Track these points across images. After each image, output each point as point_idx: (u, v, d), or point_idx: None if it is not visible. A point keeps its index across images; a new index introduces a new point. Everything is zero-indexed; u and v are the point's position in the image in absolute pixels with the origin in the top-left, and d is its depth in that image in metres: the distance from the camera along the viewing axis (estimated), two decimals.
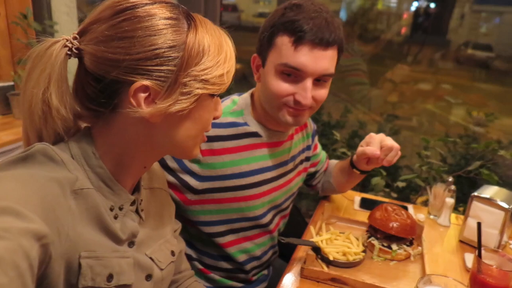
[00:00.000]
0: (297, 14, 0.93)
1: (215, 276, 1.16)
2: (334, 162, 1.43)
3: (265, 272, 1.28)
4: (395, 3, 3.91)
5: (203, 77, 0.61)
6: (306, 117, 1.03)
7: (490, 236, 1.20)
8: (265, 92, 1.01)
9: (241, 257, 1.15)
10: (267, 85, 0.98)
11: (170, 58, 0.59)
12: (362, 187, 1.95)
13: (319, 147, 1.38)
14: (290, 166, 1.18)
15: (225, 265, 1.15)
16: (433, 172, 1.63)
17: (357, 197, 1.52)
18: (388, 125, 2.44)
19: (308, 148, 1.28)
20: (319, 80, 0.98)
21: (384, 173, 1.80)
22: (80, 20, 0.63)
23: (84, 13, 2.40)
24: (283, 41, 0.94)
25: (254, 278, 1.23)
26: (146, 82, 0.58)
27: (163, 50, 0.58)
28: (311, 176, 1.38)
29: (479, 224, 0.96)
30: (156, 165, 0.85)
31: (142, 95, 0.59)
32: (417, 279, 0.82)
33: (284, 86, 0.96)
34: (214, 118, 0.70)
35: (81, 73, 0.63)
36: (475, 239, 0.97)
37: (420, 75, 3.55)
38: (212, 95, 0.65)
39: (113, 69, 0.58)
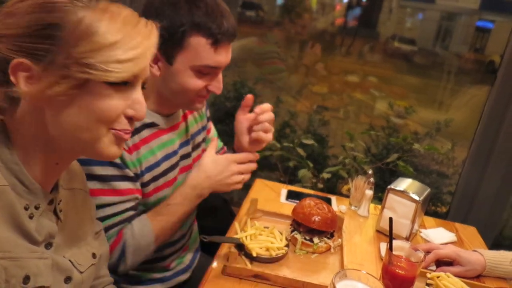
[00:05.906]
0: (206, 14, 0.93)
1: None
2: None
3: (185, 261, 1.27)
4: None
5: (84, 61, 0.56)
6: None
7: (403, 226, 1.28)
8: (175, 88, 1.01)
9: None
10: (181, 83, 0.99)
11: (46, 35, 0.56)
12: (291, 176, 1.99)
13: (212, 129, 1.38)
14: (190, 145, 1.20)
15: None
16: (356, 164, 1.71)
17: (284, 189, 1.54)
18: (318, 116, 2.51)
19: (203, 128, 1.30)
20: None
21: (311, 164, 1.85)
22: None
23: None
24: (200, 43, 0.94)
25: (172, 265, 1.21)
26: (23, 60, 0.56)
27: (39, 27, 0.56)
28: None
29: (390, 219, 1.02)
30: (76, 165, 0.80)
31: (23, 74, 0.57)
32: (336, 270, 0.85)
33: (200, 82, 1.01)
34: (130, 117, 0.64)
35: None
36: None
37: (350, 65, 3.70)
38: (112, 84, 0.59)
39: None
